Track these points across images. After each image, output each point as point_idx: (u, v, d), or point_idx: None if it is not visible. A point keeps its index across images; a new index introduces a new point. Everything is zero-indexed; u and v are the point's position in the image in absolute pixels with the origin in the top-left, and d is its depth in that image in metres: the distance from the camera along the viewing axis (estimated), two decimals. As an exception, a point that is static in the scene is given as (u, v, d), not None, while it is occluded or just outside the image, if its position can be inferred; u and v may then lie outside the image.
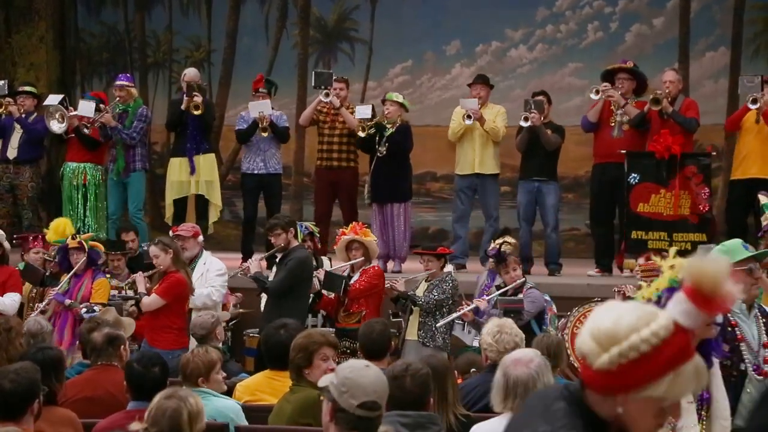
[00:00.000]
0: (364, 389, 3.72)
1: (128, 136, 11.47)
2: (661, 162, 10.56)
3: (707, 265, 2.60)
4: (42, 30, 15.34)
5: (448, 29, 14.71)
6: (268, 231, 9.31)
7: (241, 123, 11.70)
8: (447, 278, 9.40)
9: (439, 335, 9.20)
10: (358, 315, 9.31)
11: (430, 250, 9.49)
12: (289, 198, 14.60)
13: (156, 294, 8.75)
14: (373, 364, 6.20)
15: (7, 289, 9.35)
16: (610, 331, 2.58)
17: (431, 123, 13.41)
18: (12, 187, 11.65)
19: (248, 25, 15.41)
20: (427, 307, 9.21)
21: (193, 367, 5.96)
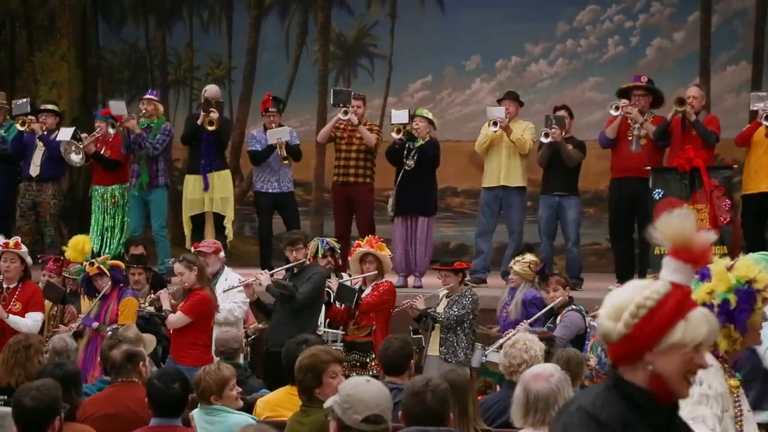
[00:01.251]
0: (366, 404, 3.73)
1: (152, 146, 11.52)
2: (684, 176, 10.51)
3: (674, 222, 2.88)
4: (64, 48, 15.44)
5: (467, 44, 14.71)
6: (289, 245, 9.32)
7: (254, 143, 11.74)
8: (467, 293, 9.39)
9: (460, 351, 9.18)
10: (368, 329, 9.32)
11: (447, 265, 9.48)
12: (310, 213, 14.62)
13: (181, 312, 8.76)
14: (393, 379, 6.27)
15: (30, 308, 9.36)
16: (618, 304, 2.84)
17: (451, 138, 13.41)
18: (34, 204, 11.70)
19: (268, 41, 15.46)
20: (448, 323, 9.20)
21: (205, 386, 5.98)
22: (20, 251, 9.44)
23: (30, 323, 9.19)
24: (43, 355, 6.95)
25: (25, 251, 9.59)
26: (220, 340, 7.99)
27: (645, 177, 10.81)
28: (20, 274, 9.48)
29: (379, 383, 3.89)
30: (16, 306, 9.34)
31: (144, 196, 11.69)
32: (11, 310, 9.30)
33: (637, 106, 11.06)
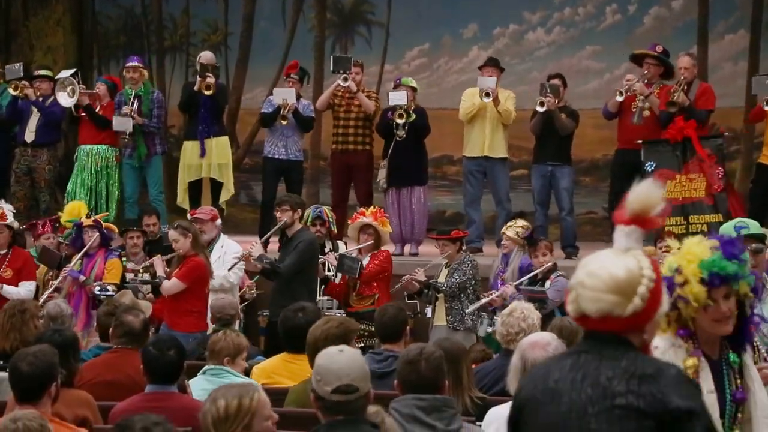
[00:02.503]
0: (336, 374, 3.74)
1: (155, 127, 11.56)
2: (677, 146, 10.50)
3: (644, 191, 3.04)
4: (59, 13, 15.35)
5: (465, 12, 14.65)
6: (276, 206, 9.34)
7: (267, 107, 11.70)
8: (465, 260, 9.43)
9: (468, 318, 9.22)
10: (372, 298, 9.37)
11: (444, 234, 9.50)
12: (306, 181, 14.59)
13: (176, 278, 8.78)
14: (390, 346, 6.29)
15: (23, 277, 9.37)
16: (626, 281, 2.96)
17: (448, 106, 13.35)
18: (29, 170, 11.67)
19: (265, 8, 15.38)
20: (451, 291, 9.23)
21: (223, 346, 6.09)
22: (7, 222, 9.41)
23: (23, 293, 9.21)
24: (38, 320, 6.95)
25: (11, 211, 9.56)
26: (216, 307, 8.03)
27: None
28: (9, 240, 9.47)
29: (353, 352, 3.89)
30: (7, 273, 9.36)
31: (141, 164, 11.68)
32: (2, 277, 9.30)
33: (647, 73, 11.02)
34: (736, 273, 3.80)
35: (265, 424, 3.77)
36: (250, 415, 3.73)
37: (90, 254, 9.47)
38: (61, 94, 11.39)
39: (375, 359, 6.19)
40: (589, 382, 2.93)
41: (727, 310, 3.82)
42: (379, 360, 6.21)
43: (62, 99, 11.39)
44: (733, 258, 3.82)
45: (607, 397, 2.91)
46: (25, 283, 9.35)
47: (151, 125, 11.49)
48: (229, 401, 3.75)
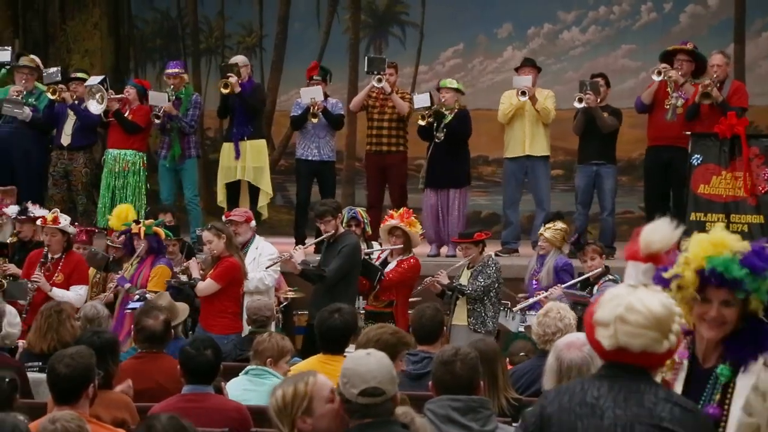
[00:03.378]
0: (362, 377, 3.74)
1: (188, 125, 11.57)
2: (724, 142, 10.40)
3: (662, 232, 3.14)
4: (96, 17, 15.47)
5: (499, 12, 14.63)
6: (318, 218, 9.30)
7: (297, 109, 11.72)
8: (489, 262, 9.39)
9: (489, 320, 9.19)
10: (388, 300, 9.35)
11: (467, 237, 9.47)
12: (341, 183, 14.62)
13: (211, 279, 8.80)
14: (426, 348, 6.28)
15: (73, 281, 9.39)
16: (664, 318, 3.03)
17: (483, 106, 13.34)
18: (66, 173, 11.73)
19: (300, 10, 15.43)
20: (476, 294, 9.19)
21: (267, 347, 6.12)
22: (59, 226, 9.46)
23: (73, 297, 9.20)
24: (75, 320, 7.01)
25: (67, 219, 9.61)
26: (252, 308, 8.04)
27: (680, 146, 10.72)
28: (63, 245, 9.51)
29: (381, 356, 3.88)
30: (59, 277, 9.38)
31: (175, 167, 11.73)
32: (54, 282, 9.34)
33: (680, 71, 10.95)
34: (741, 281, 3.39)
35: (328, 406, 3.80)
36: (308, 398, 3.77)
37: (142, 260, 9.48)
38: (91, 101, 11.45)
39: (411, 360, 6.18)
40: (634, 402, 3.06)
41: (716, 315, 3.44)
42: (415, 361, 6.21)
43: (92, 106, 11.44)
44: (749, 267, 3.40)
45: (654, 417, 3.04)
46: (76, 287, 9.37)
47: (184, 121, 11.51)
48: (285, 389, 3.81)
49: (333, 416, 3.79)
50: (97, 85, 11.52)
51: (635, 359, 3.07)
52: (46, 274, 9.35)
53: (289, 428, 3.79)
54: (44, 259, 9.45)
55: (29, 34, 15.51)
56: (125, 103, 11.60)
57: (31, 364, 6.81)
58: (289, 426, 3.79)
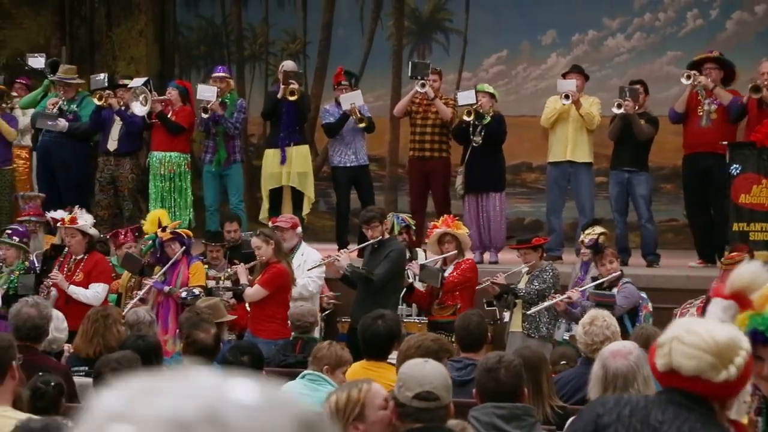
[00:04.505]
0: (418, 381, 3.75)
1: (233, 125, 11.61)
2: (763, 151, 10.34)
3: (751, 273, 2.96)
4: (142, 24, 15.59)
5: (543, 19, 14.59)
6: (364, 224, 9.30)
7: (327, 117, 11.76)
8: (547, 268, 9.35)
9: (543, 326, 9.15)
10: (453, 308, 9.31)
11: (525, 242, 9.44)
12: (384, 189, 14.63)
13: (259, 285, 8.83)
14: (470, 355, 6.27)
15: (92, 279, 9.42)
16: (727, 347, 2.84)
17: (526, 113, 13.32)
18: (113, 178, 11.81)
19: (343, 16, 15.47)
20: (529, 298, 9.16)
21: (325, 354, 6.13)
22: (77, 226, 9.51)
23: (90, 294, 9.23)
24: (121, 325, 7.05)
25: (90, 221, 9.65)
26: (295, 314, 8.05)
27: (717, 152, 10.67)
28: (85, 247, 9.56)
29: (437, 364, 3.91)
30: (79, 276, 9.42)
31: (220, 171, 11.78)
32: (74, 280, 9.37)
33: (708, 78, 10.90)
34: None
35: (380, 414, 3.80)
36: (361, 405, 3.79)
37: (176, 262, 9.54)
38: (134, 103, 11.50)
39: (455, 367, 6.17)
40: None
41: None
42: (459, 368, 6.20)
43: (135, 108, 11.48)
44: None
45: None
46: (94, 284, 9.40)
47: (229, 121, 11.55)
48: (339, 395, 3.85)
49: (385, 424, 3.80)
50: (140, 87, 11.59)
51: (688, 384, 2.88)
52: (67, 274, 9.41)
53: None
54: (62, 257, 9.51)
55: (76, 41, 15.65)
56: (168, 104, 11.65)
57: (78, 369, 6.86)
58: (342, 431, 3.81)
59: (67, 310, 8.25)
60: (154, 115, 11.50)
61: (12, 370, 4.43)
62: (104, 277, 9.53)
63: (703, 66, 11.04)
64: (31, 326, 6.22)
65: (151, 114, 11.52)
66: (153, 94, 11.60)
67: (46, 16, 15.36)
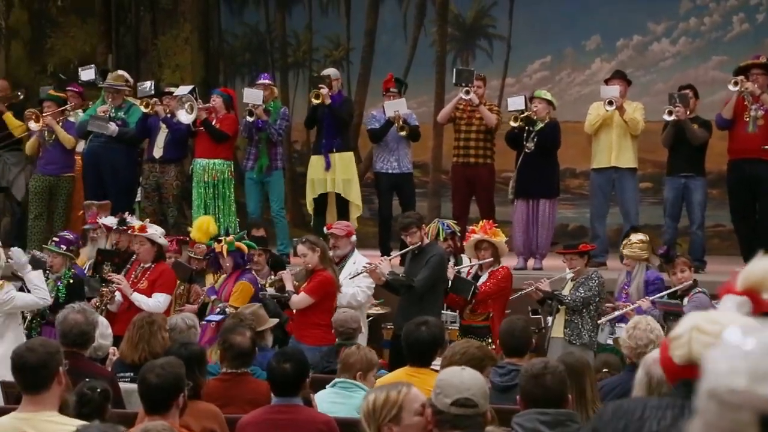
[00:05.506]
0: (456, 387, 3.75)
1: (276, 132, 11.64)
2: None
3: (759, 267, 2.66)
4: (187, 32, 15.70)
5: (587, 24, 14.53)
6: (402, 230, 9.29)
7: (373, 122, 11.79)
8: (593, 275, 9.29)
9: (585, 333, 9.10)
10: (485, 314, 9.30)
11: (572, 248, 9.39)
12: (427, 195, 14.62)
13: (305, 292, 8.84)
14: (514, 360, 6.25)
15: (155, 288, 9.50)
16: None
17: (570, 119, 13.26)
18: (158, 185, 11.87)
19: (387, 23, 15.49)
20: (574, 305, 9.10)
21: (357, 360, 6.11)
22: (146, 234, 9.59)
23: (152, 302, 9.31)
24: (166, 332, 7.09)
25: (160, 231, 9.73)
26: (339, 321, 8.06)
27: (763, 158, 10.62)
28: (153, 256, 9.63)
29: (474, 371, 3.90)
30: (143, 284, 9.51)
31: (262, 178, 11.81)
32: (138, 288, 9.47)
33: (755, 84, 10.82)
34: None
35: (416, 419, 3.81)
36: (398, 407, 3.80)
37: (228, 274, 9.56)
38: (180, 111, 11.56)
39: (498, 373, 6.16)
40: None
41: None
42: (502, 374, 6.18)
43: (181, 116, 11.54)
44: None
45: None
46: (157, 294, 9.48)
47: (273, 128, 11.59)
48: (378, 395, 3.87)
49: (419, 429, 3.79)
50: (186, 94, 11.65)
51: None
52: (132, 281, 9.49)
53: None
54: (129, 265, 9.60)
55: (122, 49, 15.80)
56: (212, 111, 11.70)
57: (123, 375, 6.91)
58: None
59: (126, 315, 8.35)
60: (199, 123, 11.55)
61: (59, 375, 4.47)
62: (168, 287, 9.58)
63: (750, 72, 10.96)
64: (77, 332, 6.27)
65: (195, 121, 11.58)
66: (198, 101, 11.65)
67: (93, 25, 15.50)
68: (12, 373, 4.62)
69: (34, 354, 4.43)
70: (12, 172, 12.27)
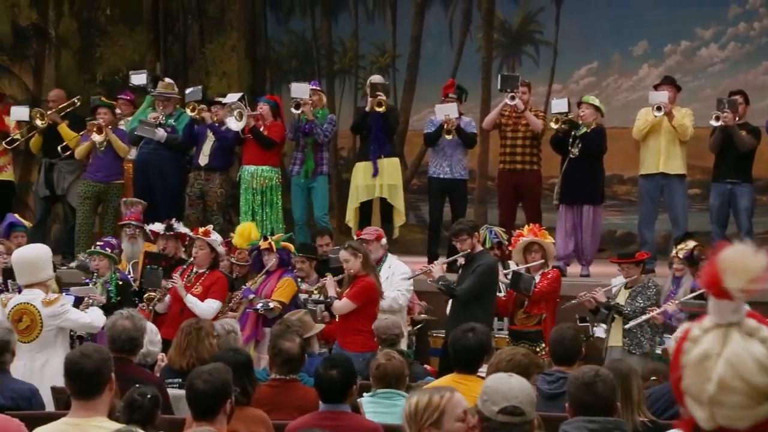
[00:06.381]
0: (504, 395, 3.72)
1: (323, 132, 11.66)
2: None
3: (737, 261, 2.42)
4: (234, 40, 15.80)
5: (635, 29, 14.45)
6: (453, 236, 9.28)
7: (430, 126, 11.79)
8: (649, 284, 9.23)
9: (645, 341, 9.03)
10: (538, 317, 9.24)
11: (628, 257, 9.32)
12: (474, 202, 14.60)
13: (347, 298, 8.85)
14: (564, 368, 6.22)
15: (209, 295, 9.55)
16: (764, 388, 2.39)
17: (617, 125, 13.19)
18: (202, 193, 11.91)
19: (432, 29, 15.49)
20: (635, 315, 9.03)
21: (391, 369, 6.08)
22: (209, 239, 9.65)
23: (204, 307, 9.34)
24: (214, 338, 7.12)
25: (218, 239, 9.78)
26: (381, 327, 8.04)
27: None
28: (209, 262, 9.68)
29: (522, 379, 3.87)
30: (197, 289, 9.56)
31: (307, 183, 11.84)
32: (192, 292, 9.52)
33: None
34: None
35: (457, 425, 3.80)
36: (440, 412, 3.80)
37: (269, 273, 9.63)
38: (229, 118, 11.60)
39: (546, 380, 6.14)
40: None
41: None
42: (550, 381, 6.16)
43: (231, 123, 11.58)
44: None
45: None
46: (210, 300, 9.54)
47: (320, 128, 11.61)
48: (421, 398, 3.86)
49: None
50: (236, 102, 11.70)
51: None
52: (186, 285, 9.55)
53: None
54: (185, 266, 9.67)
55: (170, 57, 15.93)
56: (259, 119, 11.75)
57: (171, 381, 6.95)
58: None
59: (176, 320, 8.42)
60: (248, 130, 11.60)
61: (111, 382, 4.52)
62: (221, 295, 9.64)
63: None
64: (126, 338, 6.32)
65: (244, 129, 11.63)
66: (247, 109, 11.70)
67: (142, 33, 15.64)
68: (65, 379, 4.66)
69: (89, 360, 4.48)
70: (67, 180, 12.35)
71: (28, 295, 7.68)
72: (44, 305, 7.64)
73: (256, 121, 11.65)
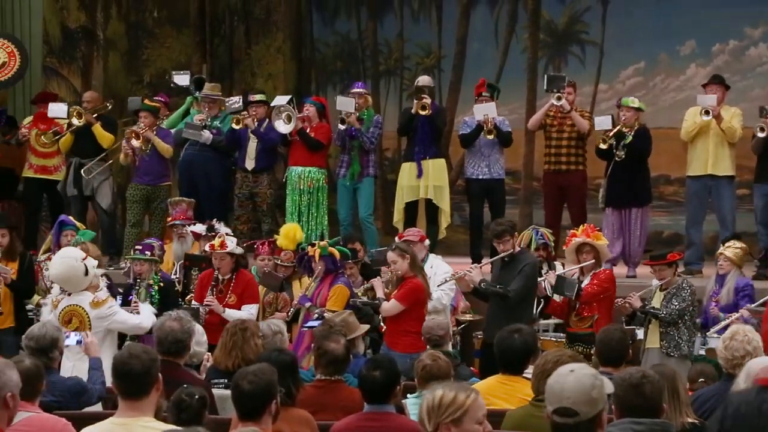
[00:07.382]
0: (557, 395, 3.72)
1: (368, 140, 11.69)
2: None
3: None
4: (279, 41, 15.85)
5: (682, 29, 14.34)
6: (495, 238, 9.24)
7: (465, 128, 11.78)
8: (684, 285, 9.14)
9: (684, 344, 8.96)
10: (590, 319, 9.19)
11: (660, 259, 9.25)
12: (519, 202, 14.56)
13: (395, 299, 8.85)
14: (610, 369, 6.19)
15: (245, 300, 9.58)
16: None
17: (664, 125, 13.11)
18: (251, 195, 12.00)
19: (478, 30, 15.46)
20: (671, 318, 8.97)
21: (435, 368, 6.07)
22: (227, 250, 9.65)
23: (245, 316, 9.33)
24: (259, 338, 7.15)
25: (233, 246, 9.78)
26: (426, 328, 8.05)
27: None
28: (232, 266, 9.70)
29: (582, 375, 3.84)
30: (231, 299, 9.57)
31: (353, 185, 11.87)
32: (227, 303, 9.53)
33: None
34: None
35: (476, 427, 3.80)
36: (463, 410, 3.81)
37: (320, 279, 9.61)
38: (278, 121, 11.65)
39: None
40: None
41: None
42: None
43: (279, 126, 11.64)
44: None
45: None
46: (247, 306, 9.56)
47: (365, 136, 11.64)
48: (446, 393, 3.86)
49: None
50: (285, 105, 11.75)
51: None
52: (218, 297, 9.56)
53: (433, 429, 3.81)
54: (215, 282, 9.66)
55: (216, 59, 16.01)
56: (304, 120, 11.78)
57: (217, 381, 6.99)
58: (434, 427, 3.82)
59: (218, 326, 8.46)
60: (295, 132, 11.64)
61: (158, 382, 4.55)
62: (255, 297, 9.72)
63: None
64: (173, 340, 6.37)
65: (291, 131, 11.67)
66: (295, 111, 11.74)
67: (188, 35, 15.73)
68: (113, 379, 4.70)
69: (138, 361, 4.51)
70: (96, 180, 12.39)
71: (77, 297, 7.84)
72: (92, 307, 7.75)
73: (302, 123, 11.69)
